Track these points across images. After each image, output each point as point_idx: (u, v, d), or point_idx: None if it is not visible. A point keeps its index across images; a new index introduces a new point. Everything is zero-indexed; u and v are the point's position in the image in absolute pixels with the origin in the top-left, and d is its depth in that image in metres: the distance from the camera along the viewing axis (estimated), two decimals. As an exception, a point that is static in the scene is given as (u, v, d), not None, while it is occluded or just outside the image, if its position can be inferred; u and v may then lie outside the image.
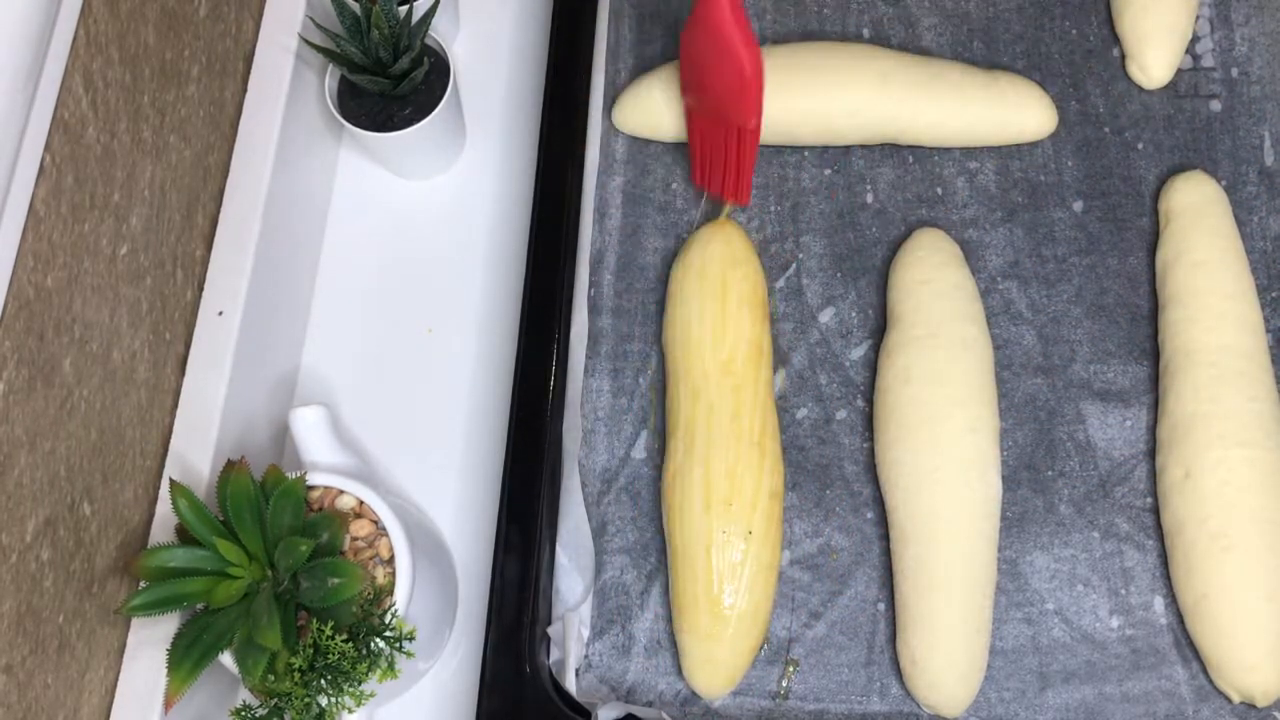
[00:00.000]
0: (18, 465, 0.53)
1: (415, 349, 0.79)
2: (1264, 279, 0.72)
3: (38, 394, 0.54)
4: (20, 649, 0.54)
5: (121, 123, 0.61)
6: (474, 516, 0.75)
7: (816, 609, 0.68)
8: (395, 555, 0.62)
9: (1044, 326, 0.72)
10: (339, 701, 0.57)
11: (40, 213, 0.54)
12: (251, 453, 0.70)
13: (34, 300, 0.54)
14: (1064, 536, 0.68)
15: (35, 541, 0.55)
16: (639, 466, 0.71)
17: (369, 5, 0.72)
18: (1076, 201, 0.75)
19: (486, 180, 0.83)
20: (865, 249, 0.75)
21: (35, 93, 0.52)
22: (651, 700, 0.66)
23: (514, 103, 0.85)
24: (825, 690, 0.66)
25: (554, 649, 0.66)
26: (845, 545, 0.69)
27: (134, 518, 0.64)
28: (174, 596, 0.58)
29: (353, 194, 0.83)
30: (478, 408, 0.77)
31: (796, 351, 0.73)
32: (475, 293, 0.80)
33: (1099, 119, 0.77)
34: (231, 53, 0.74)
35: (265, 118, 0.74)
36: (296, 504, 0.60)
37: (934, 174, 0.76)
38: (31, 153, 0.53)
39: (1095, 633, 0.66)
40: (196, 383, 0.68)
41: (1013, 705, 0.65)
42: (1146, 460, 0.69)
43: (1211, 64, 0.77)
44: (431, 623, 0.68)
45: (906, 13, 0.80)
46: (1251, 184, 0.74)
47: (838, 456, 0.71)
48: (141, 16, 0.62)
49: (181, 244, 0.68)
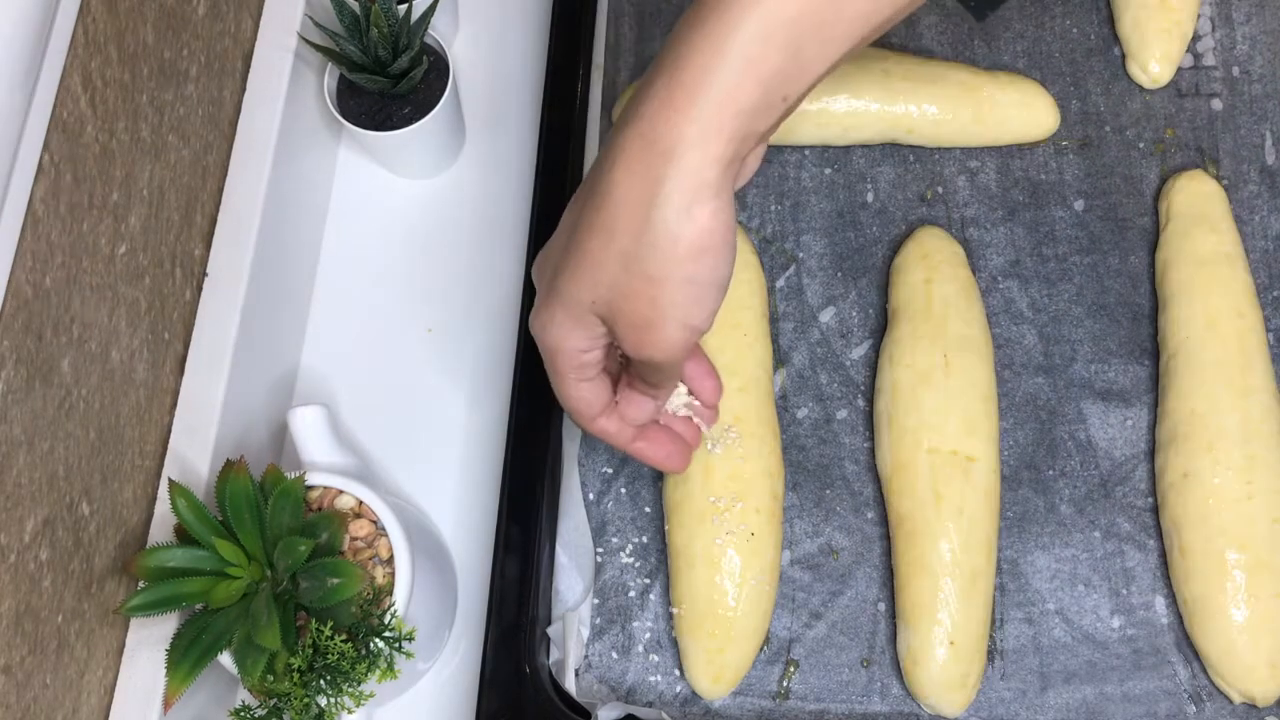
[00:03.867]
0: (16, 465, 0.53)
1: (415, 349, 0.79)
2: (1264, 278, 0.72)
3: (36, 394, 0.54)
4: (19, 649, 0.54)
5: (120, 122, 0.61)
6: (474, 516, 0.75)
7: (817, 609, 0.68)
8: (395, 555, 0.62)
9: (1045, 326, 0.72)
10: (338, 702, 0.57)
11: (39, 212, 0.54)
12: (250, 452, 0.70)
13: (32, 300, 0.54)
14: (1065, 536, 0.68)
15: (34, 541, 0.55)
16: (639, 466, 0.71)
17: (368, 4, 0.71)
18: (1077, 201, 0.75)
19: (486, 180, 0.83)
20: (866, 248, 0.75)
21: (34, 92, 0.52)
22: (651, 700, 0.66)
23: (514, 103, 0.85)
24: (825, 690, 0.66)
25: (554, 649, 0.66)
26: (845, 545, 0.69)
27: (133, 518, 0.64)
28: (173, 596, 0.58)
29: (352, 193, 0.83)
30: (478, 408, 0.77)
31: (797, 351, 0.73)
32: (475, 293, 0.80)
33: (1100, 118, 0.77)
34: (230, 52, 0.73)
35: (264, 117, 0.74)
36: (295, 504, 0.60)
37: (935, 173, 0.76)
38: (30, 152, 0.53)
39: (1096, 633, 0.66)
40: (195, 382, 0.68)
41: (1013, 705, 0.65)
42: (1147, 460, 0.69)
43: (1213, 63, 0.77)
44: (431, 623, 0.68)
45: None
46: (1252, 183, 0.74)
47: (838, 456, 0.71)
48: (140, 15, 0.62)
49: (180, 243, 0.68)
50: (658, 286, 0.48)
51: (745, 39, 0.44)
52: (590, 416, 0.57)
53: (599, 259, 0.49)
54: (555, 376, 0.55)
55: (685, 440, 0.63)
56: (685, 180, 0.46)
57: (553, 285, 0.52)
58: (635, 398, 0.57)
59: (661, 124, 0.45)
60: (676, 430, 0.62)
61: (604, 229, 0.48)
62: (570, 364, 0.54)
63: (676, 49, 0.46)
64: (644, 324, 0.49)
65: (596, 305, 0.50)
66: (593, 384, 0.55)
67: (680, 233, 0.46)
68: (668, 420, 0.63)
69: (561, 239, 0.52)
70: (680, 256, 0.47)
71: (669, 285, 0.48)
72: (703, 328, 0.50)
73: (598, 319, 0.51)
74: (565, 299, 0.51)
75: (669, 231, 0.46)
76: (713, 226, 0.47)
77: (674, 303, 0.48)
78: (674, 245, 0.47)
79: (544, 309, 0.53)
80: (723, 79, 0.45)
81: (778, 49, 0.45)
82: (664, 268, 0.47)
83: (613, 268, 0.48)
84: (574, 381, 0.55)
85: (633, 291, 0.48)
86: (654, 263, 0.47)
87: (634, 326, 0.49)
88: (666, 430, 0.62)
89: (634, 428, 0.59)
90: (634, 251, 0.47)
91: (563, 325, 0.52)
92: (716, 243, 0.47)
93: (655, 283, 0.48)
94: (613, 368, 0.58)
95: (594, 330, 0.52)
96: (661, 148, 0.46)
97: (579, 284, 0.50)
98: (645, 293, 0.48)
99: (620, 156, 0.47)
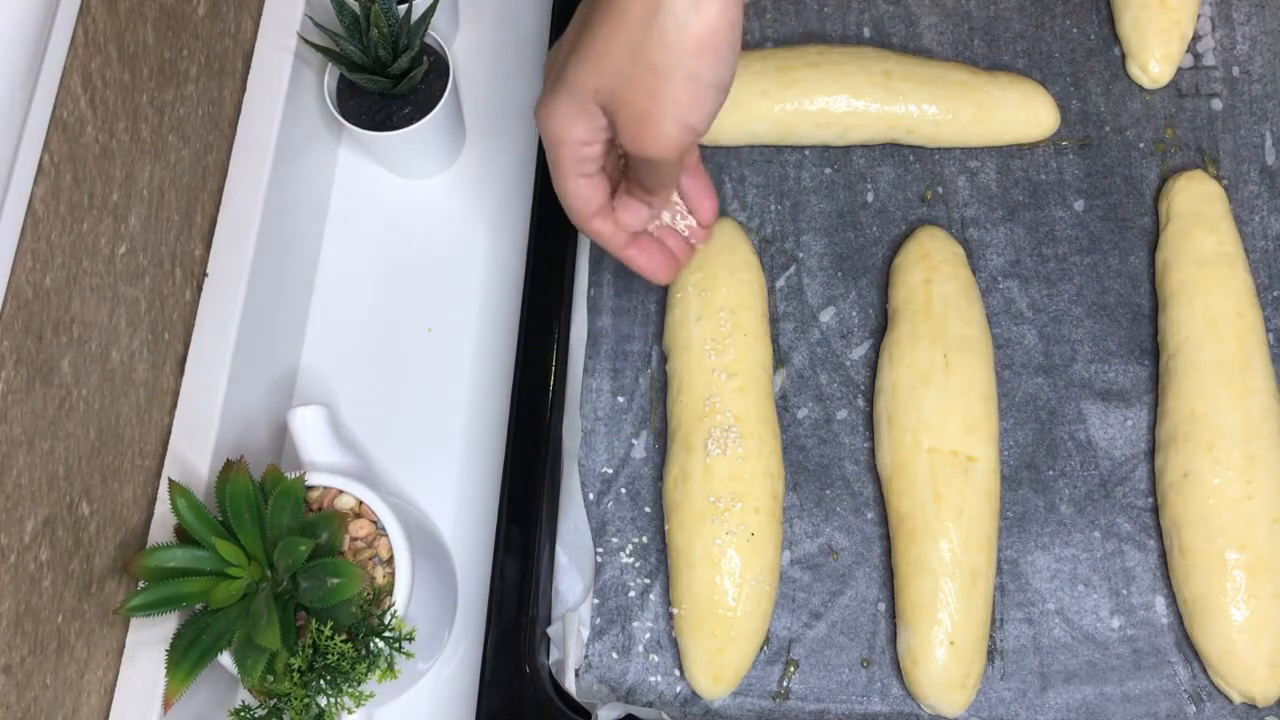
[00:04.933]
0: (16, 465, 0.53)
1: (415, 349, 0.79)
2: (1264, 278, 0.72)
3: (36, 394, 0.54)
4: (19, 649, 0.54)
5: (120, 122, 0.61)
6: (474, 516, 0.75)
7: (817, 609, 0.68)
8: (395, 555, 0.62)
9: (1045, 326, 0.72)
10: (338, 702, 0.57)
11: (39, 212, 0.54)
12: (250, 453, 0.70)
13: (32, 300, 0.54)
14: (1065, 536, 0.68)
15: (34, 542, 0.55)
16: (639, 466, 0.71)
17: (368, 4, 0.72)
18: (1077, 201, 0.75)
19: (486, 180, 0.83)
20: (866, 248, 0.75)
21: (34, 92, 0.52)
22: (651, 700, 0.66)
23: (514, 102, 0.85)
24: (826, 690, 0.66)
25: (554, 649, 0.66)
26: (845, 545, 0.69)
27: (133, 518, 0.64)
28: (173, 597, 0.58)
29: (352, 193, 0.83)
30: (478, 408, 0.77)
31: (797, 351, 0.73)
32: (475, 293, 0.80)
33: (1100, 118, 0.77)
34: (230, 52, 0.73)
35: (264, 117, 0.74)
36: (296, 504, 0.60)
37: (935, 173, 0.76)
38: (30, 152, 0.53)
39: (1096, 633, 0.66)
40: (195, 382, 0.68)
41: (1013, 705, 0.65)
42: (1147, 460, 0.69)
43: (1213, 62, 0.77)
44: (431, 623, 0.68)
45: (907, 12, 0.80)
46: (1252, 183, 0.74)
47: (838, 456, 0.71)
48: (140, 15, 0.62)
49: (180, 243, 0.68)
50: (660, 78, 0.49)
51: None
52: (586, 215, 0.58)
53: (606, 46, 0.50)
54: (555, 170, 0.56)
55: (675, 255, 0.64)
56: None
57: (560, 75, 0.53)
58: (632, 203, 0.59)
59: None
60: (669, 245, 0.64)
61: (614, 17, 0.49)
62: (571, 156, 0.55)
63: None
64: (644, 115, 0.51)
65: (600, 94, 0.51)
66: (591, 180, 0.57)
67: (687, 25, 0.48)
68: (662, 233, 0.64)
69: (572, 33, 0.54)
70: (686, 50, 0.48)
71: (671, 79, 0.49)
72: (700, 129, 0.51)
73: (600, 109, 0.52)
74: (571, 86, 0.52)
75: (677, 23, 0.48)
76: (719, 24, 0.48)
77: (674, 99, 0.50)
78: (680, 37, 0.48)
79: (550, 97, 0.54)
80: None
81: None
82: (668, 60, 0.49)
83: (619, 56, 0.50)
84: (574, 176, 0.56)
85: (636, 81, 0.50)
86: (659, 53, 0.49)
87: (634, 118, 0.51)
88: (658, 242, 0.63)
89: (627, 234, 0.60)
90: (641, 41, 0.49)
91: (567, 114, 0.53)
92: (720, 40, 0.49)
93: (658, 74, 0.49)
94: (613, 172, 0.59)
95: (596, 121, 0.53)
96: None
97: (585, 71, 0.51)
98: (647, 83, 0.50)
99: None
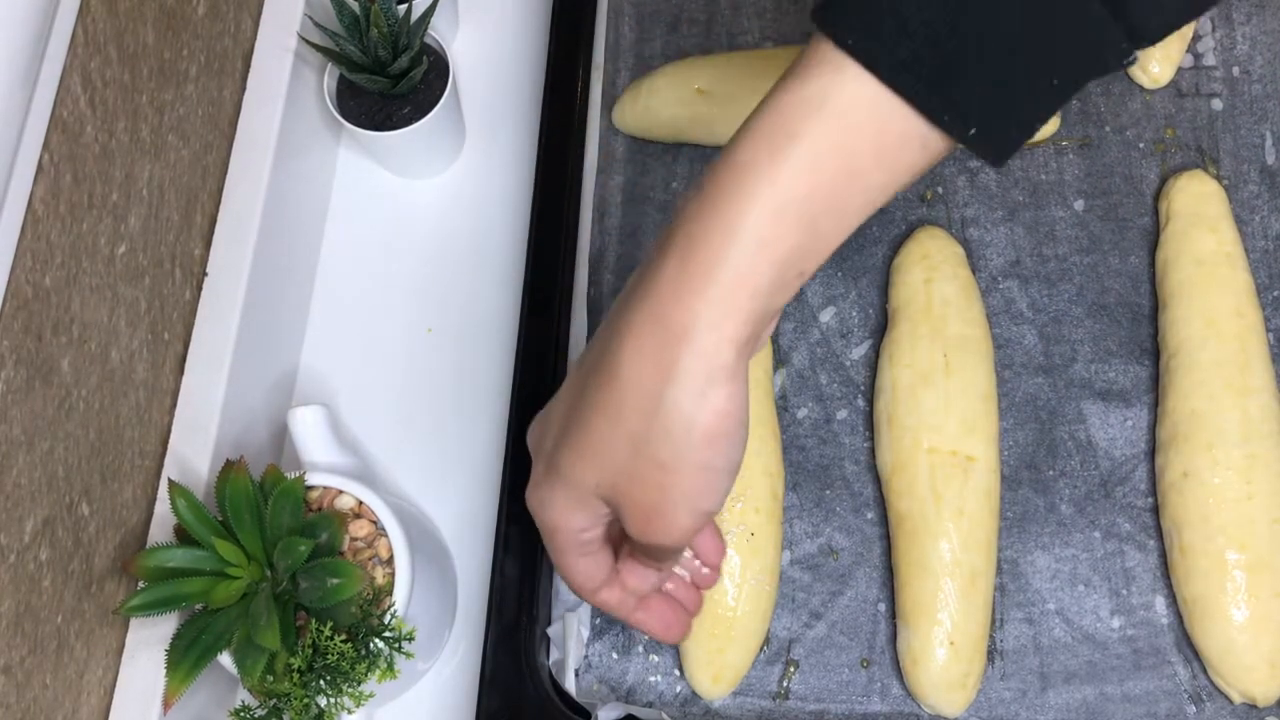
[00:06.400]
0: (16, 465, 0.53)
1: (415, 349, 0.79)
2: (1264, 278, 0.72)
3: (36, 394, 0.54)
4: (19, 649, 0.54)
5: (120, 122, 0.61)
6: (474, 516, 0.75)
7: (817, 609, 0.68)
8: (394, 555, 0.62)
9: (1045, 326, 0.72)
10: (338, 702, 0.57)
11: (38, 212, 0.54)
12: (250, 453, 0.70)
13: (32, 300, 0.54)
14: (1065, 536, 0.68)
15: (34, 542, 0.55)
16: (639, 466, 0.71)
17: (368, 4, 0.71)
18: (1077, 200, 0.75)
19: (486, 180, 0.83)
20: (866, 248, 0.75)
21: (33, 91, 0.52)
22: (651, 700, 0.66)
23: (514, 103, 0.85)
24: (825, 690, 0.66)
25: (554, 649, 0.66)
26: (845, 545, 0.69)
27: (132, 518, 0.64)
28: (173, 597, 0.58)
29: (352, 193, 0.83)
30: (478, 408, 0.77)
31: (797, 351, 0.73)
32: (475, 293, 0.80)
33: (1100, 118, 0.77)
34: (230, 52, 0.73)
35: (264, 117, 0.74)
36: (295, 504, 0.60)
37: (935, 173, 0.76)
38: (30, 152, 0.53)
39: (1096, 633, 0.66)
40: (195, 382, 0.68)
41: (1013, 705, 0.65)
42: (1148, 460, 0.69)
43: (1213, 62, 0.77)
44: (431, 623, 0.68)
45: (907, 12, 0.80)
46: (1253, 183, 0.74)
47: (838, 456, 0.70)
48: (140, 15, 0.62)
49: (180, 243, 0.68)
50: (669, 473, 0.45)
51: (758, 219, 0.42)
52: (592, 590, 0.53)
53: (605, 441, 0.46)
54: (554, 553, 0.52)
55: (685, 607, 0.58)
56: (700, 363, 0.43)
57: (553, 461, 0.49)
58: (638, 569, 0.54)
59: (674, 304, 0.43)
60: (678, 597, 0.58)
61: (611, 409, 0.45)
62: (570, 542, 0.51)
63: (687, 228, 0.43)
64: (652, 510, 0.46)
65: (601, 488, 0.47)
66: (593, 558, 0.52)
67: (695, 417, 0.44)
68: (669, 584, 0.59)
69: (561, 409, 0.49)
70: (695, 443, 0.44)
71: (681, 472, 0.45)
72: (715, 511, 0.47)
73: (601, 501, 0.48)
74: (567, 479, 0.48)
75: (683, 416, 0.44)
76: (728, 410, 0.44)
77: (685, 490, 0.45)
78: (688, 431, 0.44)
79: (543, 486, 0.50)
80: (737, 260, 0.42)
81: (792, 227, 0.42)
82: (677, 454, 0.45)
83: (620, 451, 0.46)
84: (575, 557, 0.51)
85: (641, 477, 0.46)
86: (666, 448, 0.44)
87: (641, 512, 0.47)
88: (666, 598, 0.58)
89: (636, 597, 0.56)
90: (644, 435, 0.45)
91: (564, 507, 0.49)
92: (731, 427, 0.44)
93: (666, 469, 0.45)
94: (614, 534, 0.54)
95: (597, 511, 0.49)
96: (675, 329, 0.43)
97: (583, 466, 0.47)
98: (655, 479, 0.45)
99: (629, 335, 0.44)
